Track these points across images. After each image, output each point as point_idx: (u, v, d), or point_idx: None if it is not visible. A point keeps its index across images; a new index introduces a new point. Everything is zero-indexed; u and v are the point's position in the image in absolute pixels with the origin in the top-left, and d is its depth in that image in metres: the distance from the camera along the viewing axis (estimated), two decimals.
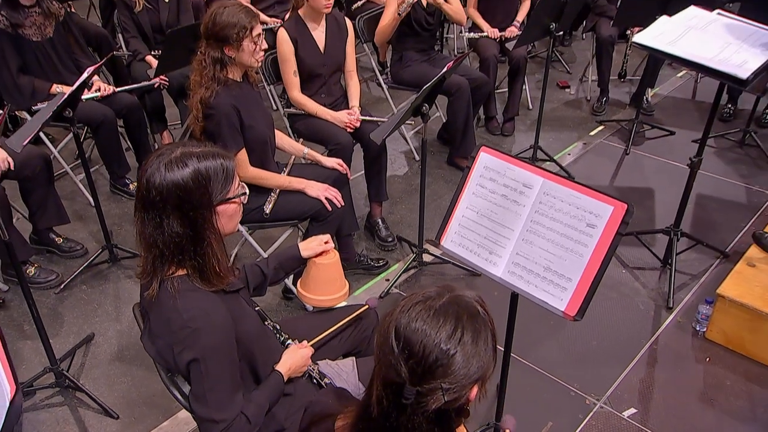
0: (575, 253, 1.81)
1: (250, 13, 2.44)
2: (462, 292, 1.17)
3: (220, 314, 1.53)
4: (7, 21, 3.31)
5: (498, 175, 1.97)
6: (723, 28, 2.76)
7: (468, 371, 1.08)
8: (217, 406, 1.52)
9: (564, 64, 5.69)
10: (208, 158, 1.50)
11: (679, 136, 4.52)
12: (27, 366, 2.68)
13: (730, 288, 2.74)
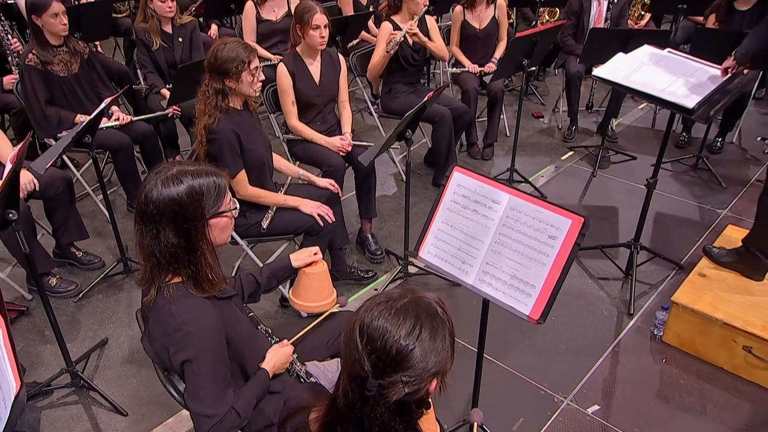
0: (538, 262, 1.80)
1: (248, 48, 2.45)
2: (422, 293, 1.17)
3: (211, 318, 1.52)
4: (38, 59, 3.33)
5: (470, 192, 1.97)
6: (673, 64, 2.79)
7: (426, 365, 1.07)
8: (210, 402, 1.51)
9: (538, 96, 5.71)
10: (201, 176, 1.50)
11: (640, 160, 4.52)
12: (46, 367, 2.67)
13: (684, 296, 2.73)
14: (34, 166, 2.73)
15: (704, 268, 2.93)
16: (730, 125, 4.57)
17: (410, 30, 3.66)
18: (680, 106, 2.47)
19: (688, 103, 2.46)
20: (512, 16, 5.67)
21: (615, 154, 4.62)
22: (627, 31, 4.25)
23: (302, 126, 3.23)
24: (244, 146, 2.55)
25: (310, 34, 3.07)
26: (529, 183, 4.15)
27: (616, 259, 3.41)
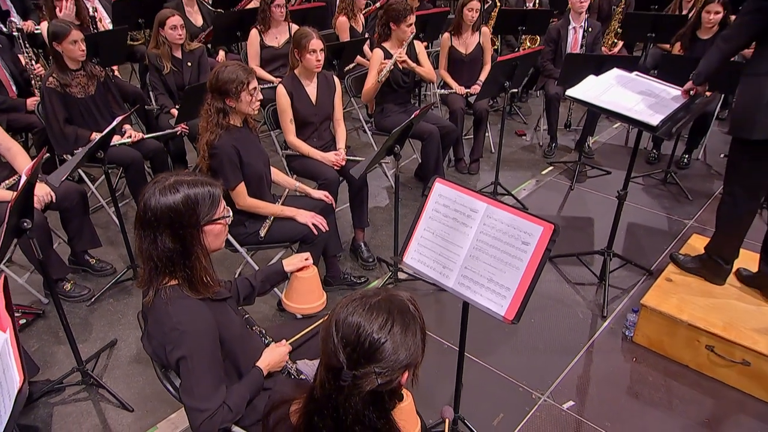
0: (513, 266, 1.80)
1: (247, 70, 2.46)
2: (396, 292, 1.16)
3: (205, 319, 1.51)
4: (58, 82, 3.34)
5: (450, 201, 1.96)
6: (639, 86, 2.81)
7: (398, 357, 1.06)
8: (203, 397, 1.50)
9: (521, 116, 5.73)
10: (197, 186, 1.49)
11: (614, 175, 4.53)
12: (59, 366, 2.64)
13: (652, 299, 2.73)
14: (50, 180, 2.73)
15: (671, 274, 2.93)
16: (695, 143, 4.58)
17: (399, 58, 3.68)
18: (645, 124, 2.48)
19: (652, 121, 2.47)
20: (497, 43, 5.70)
21: (591, 169, 4.62)
22: (600, 56, 4.29)
23: (300, 142, 3.23)
24: (243, 160, 2.55)
25: (307, 58, 3.09)
26: (511, 195, 4.15)
27: (591, 265, 3.41)
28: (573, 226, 3.89)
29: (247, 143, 2.58)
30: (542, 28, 5.07)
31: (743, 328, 2.52)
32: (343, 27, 4.92)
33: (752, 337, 2.47)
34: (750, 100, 2.37)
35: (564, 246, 3.59)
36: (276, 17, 4.42)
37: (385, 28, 3.76)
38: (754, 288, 2.78)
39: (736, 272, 2.87)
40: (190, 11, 5.06)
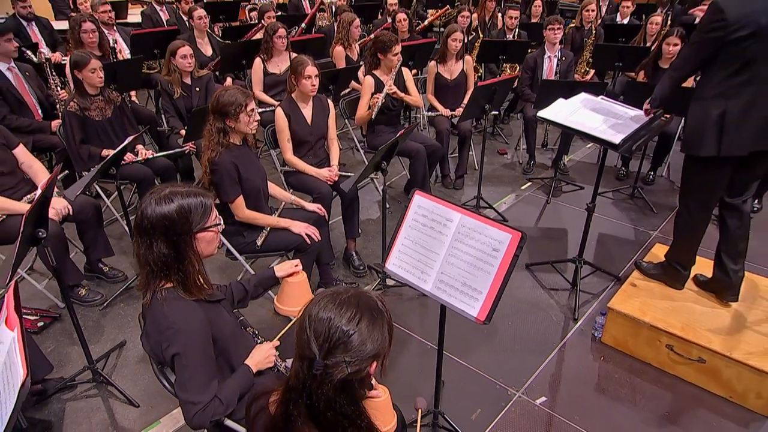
0: (484, 271, 1.80)
1: (246, 93, 2.48)
2: (365, 291, 1.17)
3: (198, 318, 1.51)
4: (78, 106, 3.37)
5: (427, 212, 1.97)
6: (604, 108, 2.84)
7: (365, 348, 1.07)
8: (195, 391, 1.50)
9: (503, 137, 5.75)
10: (190, 196, 1.50)
11: (587, 190, 4.54)
12: (72, 365, 2.63)
13: (618, 303, 2.73)
14: (66, 194, 2.74)
15: (635, 279, 2.93)
16: (660, 161, 4.60)
17: (389, 90, 3.72)
18: (609, 142, 2.50)
19: (615, 140, 2.49)
20: (480, 70, 5.75)
21: (566, 184, 4.64)
22: (572, 82, 4.33)
23: (296, 159, 3.25)
24: (242, 176, 2.56)
25: (303, 83, 3.11)
26: (493, 209, 4.16)
27: (565, 272, 3.40)
28: (548, 236, 3.90)
29: (245, 160, 2.59)
30: (521, 57, 5.11)
31: (699, 329, 2.52)
32: (340, 56, 4.96)
33: (707, 337, 2.47)
34: (698, 121, 2.40)
35: (540, 255, 3.60)
36: (278, 47, 4.46)
37: (375, 58, 3.79)
38: (709, 292, 2.78)
39: (693, 278, 2.87)
40: (201, 42, 5.11)
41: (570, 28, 5.99)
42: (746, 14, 2.15)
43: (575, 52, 5.75)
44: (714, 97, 2.35)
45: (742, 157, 2.40)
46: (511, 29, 5.77)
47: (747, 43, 2.19)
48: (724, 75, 2.30)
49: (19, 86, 3.97)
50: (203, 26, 5.05)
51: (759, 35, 2.16)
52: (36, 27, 5.80)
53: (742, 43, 2.19)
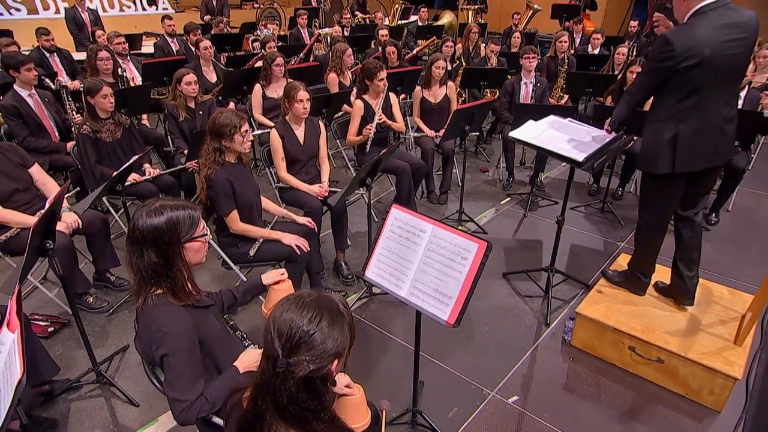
0: (454, 278, 1.82)
1: (240, 115, 2.51)
2: (328, 295, 1.18)
3: (185, 322, 1.52)
4: (90, 128, 3.40)
5: (403, 224, 2.00)
6: (571, 129, 2.88)
7: (326, 347, 1.08)
8: (182, 389, 1.50)
9: (485, 156, 5.80)
10: (179, 209, 1.53)
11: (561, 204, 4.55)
12: (78, 368, 2.62)
13: (585, 308, 2.74)
14: (75, 208, 2.77)
15: (601, 287, 2.94)
16: (627, 178, 4.64)
17: (379, 120, 3.79)
18: (573, 160, 2.53)
19: (578, 158, 2.53)
20: (463, 95, 5.81)
21: (542, 199, 4.67)
22: (545, 106, 4.38)
23: (289, 176, 3.27)
24: (236, 191, 2.58)
25: (295, 106, 3.16)
26: (474, 222, 4.18)
27: (539, 281, 3.42)
28: (525, 247, 3.92)
29: (240, 177, 2.62)
30: (500, 83, 5.18)
31: (658, 331, 2.54)
32: (333, 82, 5.02)
33: (665, 339, 2.48)
34: (653, 142, 2.43)
35: (516, 264, 3.62)
36: (276, 74, 4.52)
37: (363, 84, 3.85)
38: (668, 297, 2.80)
39: (654, 284, 2.89)
40: (207, 70, 5.18)
41: (546, 58, 6.08)
42: (692, 46, 2.19)
43: (550, 79, 5.83)
44: (666, 119, 2.38)
45: (693, 173, 2.43)
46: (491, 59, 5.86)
47: (693, 71, 2.23)
48: (675, 100, 2.33)
49: (38, 111, 4.02)
50: (209, 56, 5.12)
51: (704, 65, 2.21)
52: (57, 58, 5.88)
53: (689, 72, 2.24)
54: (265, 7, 10.17)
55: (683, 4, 2.29)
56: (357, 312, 3.11)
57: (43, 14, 8.50)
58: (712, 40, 2.19)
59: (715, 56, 2.20)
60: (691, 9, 2.27)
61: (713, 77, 2.26)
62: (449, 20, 9.54)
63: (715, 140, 2.38)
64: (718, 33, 2.20)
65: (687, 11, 2.28)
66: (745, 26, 2.24)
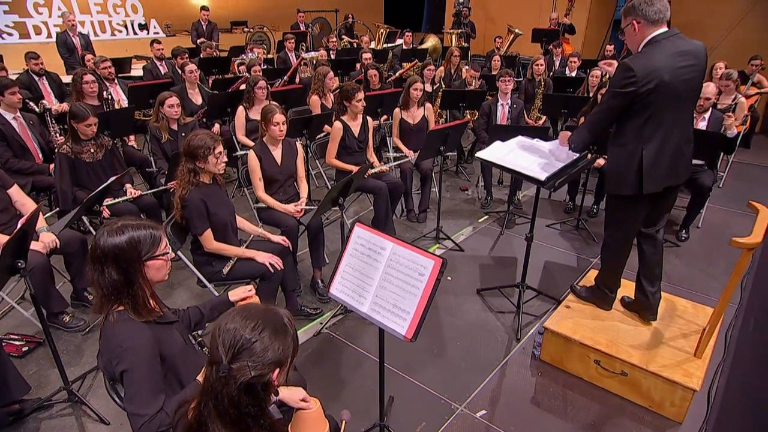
0: (412, 294, 1.85)
1: (214, 137, 2.57)
2: (274, 308, 1.22)
3: (145, 338, 1.55)
4: (70, 149, 3.43)
5: (365, 241, 2.04)
6: (537, 149, 2.95)
7: (266, 355, 1.12)
8: (142, 404, 1.52)
9: (466, 175, 5.89)
10: (140, 229, 1.56)
11: (538, 222, 4.56)
12: (51, 387, 2.62)
13: (552, 323, 2.78)
14: (53, 228, 2.79)
15: (569, 302, 2.99)
16: (602, 196, 4.72)
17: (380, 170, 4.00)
18: (535, 178, 2.61)
19: (540, 176, 2.60)
20: (444, 115, 5.93)
21: (519, 217, 4.74)
22: (519, 126, 4.50)
23: (266, 196, 3.32)
24: (210, 211, 2.63)
25: (272, 128, 3.23)
26: (450, 240, 4.23)
27: (511, 297, 3.46)
28: (500, 264, 3.97)
29: (214, 196, 2.66)
30: (478, 105, 5.30)
31: (622, 345, 2.58)
32: (315, 104, 5.12)
33: (628, 352, 2.53)
34: (620, 165, 2.47)
35: (491, 281, 3.66)
36: (259, 97, 4.60)
37: (342, 105, 3.94)
38: (633, 312, 2.85)
39: (620, 299, 2.94)
40: (192, 93, 5.26)
41: (524, 80, 6.23)
42: (651, 71, 2.27)
43: (528, 100, 5.97)
44: (630, 142, 2.43)
45: (656, 193, 2.50)
46: (471, 82, 6.00)
47: (654, 95, 2.30)
48: (638, 123, 2.39)
49: (22, 133, 4.06)
50: (194, 79, 5.21)
51: (663, 89, 2.28)
52: (46, 81, 5.93)
53: (650, 96, 2.31)
54: (254, 32, 10.35)
55: (637, 34, 2.37)
56: (331, 329, 3.13)
57: (35, 38, 8.59)
58: (669, 66, 2.28)
59: (672, 81, 2.29)
60: (645, 38, 2.36)
61: (671, 101, 2.34)
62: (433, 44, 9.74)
63: (675, 161, 2.46)
64: (673, 60, 2.29)
65: (641, 41, 2.37)
66: (695, 54, 2.34)
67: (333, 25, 11.64)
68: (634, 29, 2.37)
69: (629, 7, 2.38)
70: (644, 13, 2.31)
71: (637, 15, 2.33)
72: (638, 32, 2.36)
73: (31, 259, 2.73)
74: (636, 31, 2.37)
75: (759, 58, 6.48)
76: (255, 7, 12.06)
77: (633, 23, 2.36)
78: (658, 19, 2.32)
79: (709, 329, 2.46)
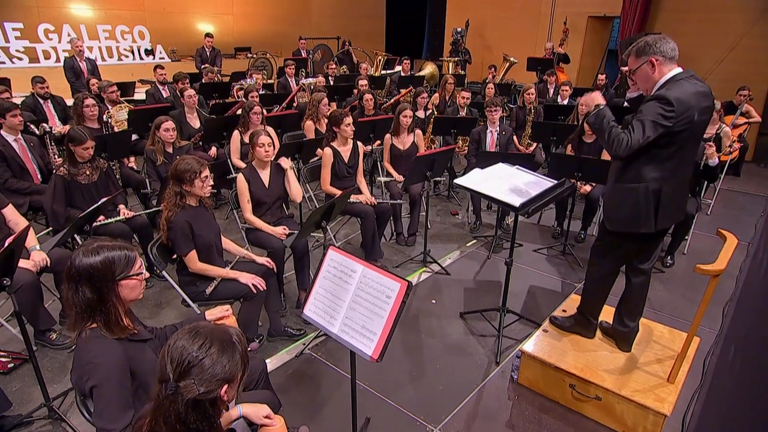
0: (379, 315, 1.91)
1: (200, 162, 2.66)
2: (224, 327, 1.27)
3: (116, 355, 1.59)
4: (67, 171, 3.53)
5: (338, 264, 2.10)
6: (515, 176, 3.03)
7: (214, 371, 1.17)
8: (110, 419, 1.56)
9: (457, 199, 5.96)
10: (115, 250, 1.63)
11: (526, 247, 4.69)
12: (33, 404, 2.65)
13: (529, 347, 2.81)
14: (43, 247, 2.86)
15: (547, 326, 3.02)
16: (588, 222, 4.79)
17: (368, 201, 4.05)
18: (509, 204, 2.67)
19: (514, 202, 2.67)
20: (437, 141, 6.04)
21: (507, 242, 4.78)
22: (505, 153, 4.59)
23: (254, 218, 3.39)
24: (195, 233, 2.70)
25: (258, 150, 3.33)
26: (437, 263, 4.28)
27: (493, 320, 3.48)
28: (485, 288, 4.01)
29: (199, 219, 2.74)
30: (469, 131, 5.41)
31: (597, 370, 2.60)
32: (310, 129, 5.24)
33: (602, 377, 2.55)
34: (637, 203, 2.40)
35: (475, 304, 3.70)
36: (254, 121, 4.73)
37: (331, 131, 4.05)
38: (609, 337, 2.88)
39: (599, 324, 2.96)
40: (190, 117, 5.41)
41: (515, 108, 6.36)
42: (687, 108, 2.22)
43: (520, 127, 6.09)
44: (650, 179, 2.36)
45: None
46: (463, 107, 6.13)
47: (684, 134, 2.26)
48: (662, 159, 2.32)
49: (22, 154, 4.18)
50: (192, 103, 5.36)
51: (692, 127, 2.27)
52: (51, 104, 6.11)
53: (681, 134, 2.27)
54: (257, 57, 10.61)
55: (656, 72, 2.31)
56: (313, 350, 3.16)
57: (44, 63, 8.84)
58: (697, 106, 2.23)
59: (697, 122, 2.25)
60: (663, 76, 2.30)
61: (692, 141, 2.34)
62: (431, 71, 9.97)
63: (684, 198, 2.47)
64: (699, 100, 2.24)
65: (659, 78, 2.31)
66: (710, 96, 2.32)
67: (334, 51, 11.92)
68: (652, 67, 2.31)
69: (642, 47, 2.33)
70: (661, 50, 2.28)
71: (655, 53, 2.28)
72: (657, 70, 2.31)
73: (21, 277, 2.81)
74: (654, 69, 2.31)
75: (747, 88, 6.61)
76: (259, 33, 12.39)
77: (651, 61, 2.29)
78: (674, 57, 2.29)
79: (680, 355, 2.48)
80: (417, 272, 4.20)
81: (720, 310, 3.50)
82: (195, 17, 11.56)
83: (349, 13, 14.12)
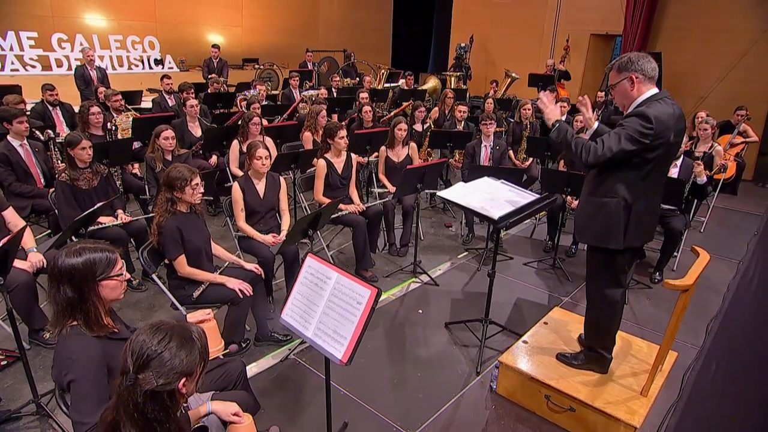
0: (350, 321, 1.97)
1: (191, 170, 2.76)
2: (186, 324, 1.35)
3: (94, 351, 1.67)
4: (68, 176, 3.65)
5: (314, 271, 2.17)
6: (498, 190, 3.09)
7: (173, 364, 1.24)
8: (86, 413, 1.63)
9: (452, 211, 6.02)
10: (97, 251, 1.72)
11: (516, 260, 4.74)
12: (23, 399, 2.73)
13: (507, 357, 2.86)
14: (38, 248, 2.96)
15: (527, 336, 3.06)
16: None
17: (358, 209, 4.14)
18: (488, 217, 2.74)
19: (494, 215, 2.74)
20: (433, 154, 6.13)
21: (499, 254, 4.83)
22: (496, 168, 4.66)
23: (246, 226, 3.49)
24: (185, 238, 2.79)
25: (255, 162, 3.43)
26: (427, 274, 4.33)
27: (477, 331, 3.51)
28: (471, 299, 4.05)
29: (190, 225, 2.83)
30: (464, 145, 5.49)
31: (572, 381, 2.65)
32: (308, 140, 5.35)
33: (576, 388, 2.59)
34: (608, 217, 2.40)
35: (461, 315, 3.74)
36: (252, 132, 4.85)
37: (326, 143, 4.15)
38: None
39: (578, 337, 3.01)
40: (192, 126, 5.54)
41: (512, 123, 6.45)
42: (663, 130, 2.24)
43: (516, 142, 6.17)
44: (623, 195, 2.36)
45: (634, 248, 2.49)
46: (461, 121, 6.23)
47: (658, 152, 2.29)
48: (635, 178, 2.33)
49: (27, 159, 4.32)
50: (194, 113, 5.50)
51: (668, 148, 2.31)
52: (60, 111, 6.28)
53: (656, 152, 2.26)
54: (264, 69, 10.81)
55: (634, 90, 2.32)
56: (299, 355, 3.23)
57: (56, 71, 9.08)
58: (674, 127, 2.25)
59: (672, 143, 2.28)
60: (641, 95, 2.31)
61: (665, 162, 2.38)
62: (433, 85, 10.08)
63: (654, 221, 2.49)
64: (675, 121, 2.26)
65: (637, 97, 2.32)
66: (683, 118, 2.35)
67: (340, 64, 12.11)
68: (631, 83, 2.32)
69: (625, 62, 2.33)
70: (642, 68, 2.29)
71: (636, 70, 2.29)
72: (635, 87, 2.32)
73: (17, 277, 2.91)
74: (633, 86, 2.32)
75: (744, 108, 6.65)
76: (267, 45, 12.63)
77: (632, 77, 2.30)
78: (653, 77, 2.30)
79: (652, 368, 2.52)
80: (406, 282, 4.26)
81: (704, 327, 3.52)
82: (205, 28, 11.82)
83: (357, 27, 14.34)
